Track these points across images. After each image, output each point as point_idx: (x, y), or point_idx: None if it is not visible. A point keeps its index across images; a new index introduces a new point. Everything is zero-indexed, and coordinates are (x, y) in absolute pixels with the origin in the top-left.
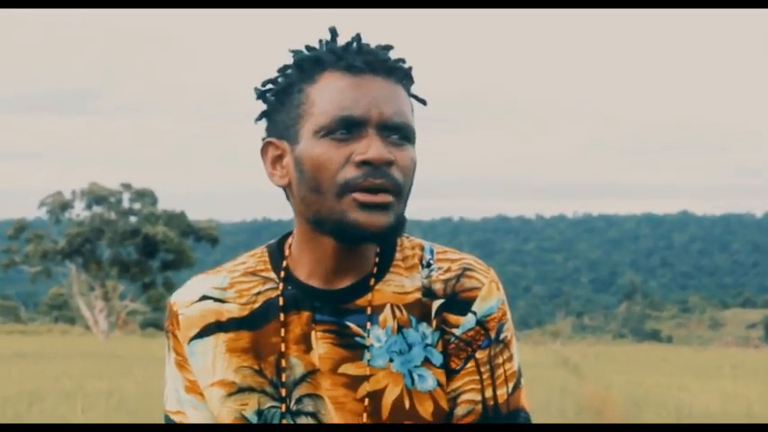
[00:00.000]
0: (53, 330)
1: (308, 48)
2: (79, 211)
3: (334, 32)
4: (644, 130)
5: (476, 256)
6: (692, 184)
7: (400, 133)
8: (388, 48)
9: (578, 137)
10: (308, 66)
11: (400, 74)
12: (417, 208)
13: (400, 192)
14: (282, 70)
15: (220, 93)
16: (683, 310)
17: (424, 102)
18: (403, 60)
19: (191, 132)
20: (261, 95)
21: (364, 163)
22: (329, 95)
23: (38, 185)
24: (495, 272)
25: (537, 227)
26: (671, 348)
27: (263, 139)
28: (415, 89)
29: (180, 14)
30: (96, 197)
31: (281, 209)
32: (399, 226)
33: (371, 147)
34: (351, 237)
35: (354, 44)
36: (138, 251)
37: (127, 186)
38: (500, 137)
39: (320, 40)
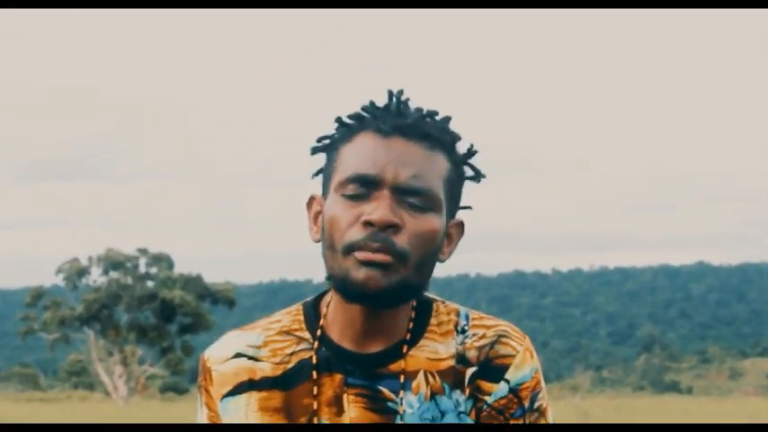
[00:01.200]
0: (72, 397)
1: (363, 107)
2: (96, 277)
3: (391, 95)
4: (656, 182)
5: (511, 323)
6: (708, 234)
7: (418, 198)
8: (435, 114)
9: (591, 190)
10: (348, 124)
11: (437, 141)
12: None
13: (404, 259)
14: (335, 128)
15: (234, 157)
16: (703, 361)
17: (481, 174)
18: (446, 129)
19: (205, 196)
20: (314, 151)
21: (369, 224)
22: (355, 155)
23: (54, 252)
24: (531, 340)
25: (554, 281)
26: (691, 400)
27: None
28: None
29: (192, 81)
30: (113, 263)
31: (297, 270)
32: (406, 292)
33: (378, 208)
34: (350, 294)
35: (394, 105)
36: (156, 315)
37: (143, 251)
38: (514, 191)
39: (371, 101)
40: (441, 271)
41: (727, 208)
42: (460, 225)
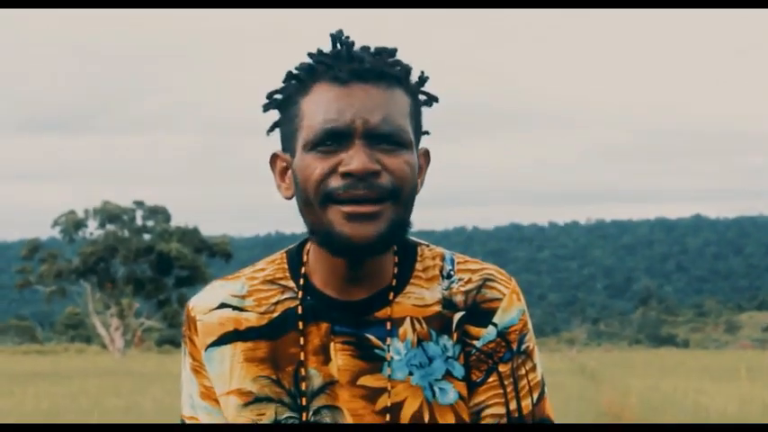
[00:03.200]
0: (69, 349)
1: (309, 55)
2: (93, 230)
3: (334, 39)
4: (654, 135)
5: (497, 266)
6: (705, 188)
7: (390, 141)
8: (384, 51)
9: (589, 143)
10: (302, 77)
11: (394, 78)
12: (431, 217)
13: (396, 197)
14: (284, 81)
15: (231, 107)
16: (699, 315)
17: (435, 98)
18: (398, 63)
19: (202, 148)
20: (266, 108)
21: (348, 174)
22: (316, 108)
23: (51, 205)
24: (517, 281)
25: (550, 234)
26: (687, 353)
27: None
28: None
29: (190, 30)
30: (109, 215)
31: (293, 222)
32: (397, 232)
33: (355, 157)
34: (339, 249)
35: (344, 51)
36: (153, 268)
37: (140, 204)
38: (512, 144)
39: (318, 49)
40: (438, 224)
41: (724, 161)
42: (427, 154)
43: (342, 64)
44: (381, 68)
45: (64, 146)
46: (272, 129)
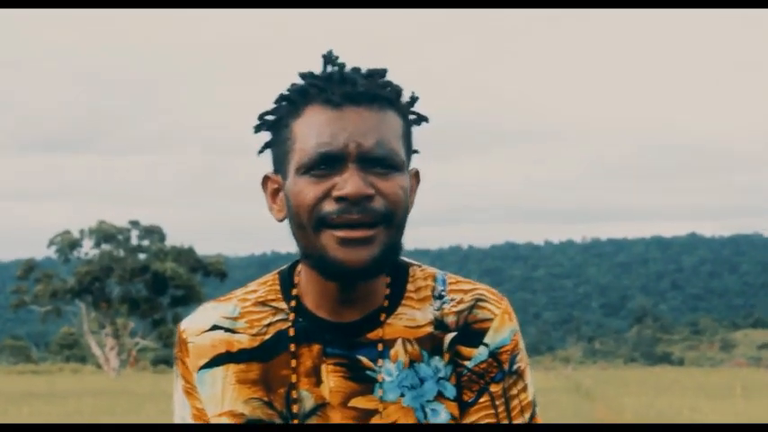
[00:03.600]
0: (64, 369)
1: (301, 76)
2: (88, 250)
3: (325, 60)
4: (649, 153)
5: (489, 286)
6: (700, 206)
7: (384, 164)
8: (375, 72)
9: (584, 161)
10: (294, 99)
11: (386, 100)
12: (425, 236)
13: (389, 221)
14: (276, 102)
15: (225, 127)
16: (694, 333)
17: (425, 119)
18: (389, 84)
19: (197, 168)
20: (257, 129)
21: (342, 198)
22: (309, 131)
23: (46, 225)
24: (509, 301)
25: (546, 253)
26: (682, 371)
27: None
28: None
29: (183, 52)
30: (105, 235)
31: (288, 242)
32: (390, 256)
33: (349, 182)
34: (333, 273)
35: (336, 74)
36: (148, 288)
37: (135, 224)
38: (507, 163)
39: (310, 72)
40: (434, 243)
41: (720, 179)
42: (417, 174)
43: (334, 87)
44: (374, 91)
45: (60, 166)
46: (262, 150)
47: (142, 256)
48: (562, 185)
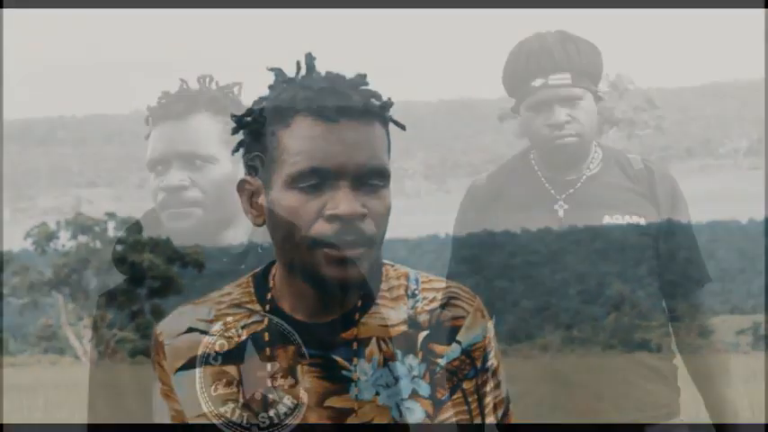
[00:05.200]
0: (42, 361)
1: (282, 80)
2: (65, 242)
3: (308, 64)
4: (625, 138)
5: (461, 284)
6: None
7: (376, 177)
8: (359, 81)
9: None
10: (281, 108)
11: (375, 111)
12: (404, 224)
13: (372, 243)
14: (256, 105)
15: None
16: (672, 319)
17: (403, 127)
18: (376, 95)
19: None
20: (235, 131)
21: (335, 217)
22: (301, 144)
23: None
24: (482, 298)
25: (523, 240)
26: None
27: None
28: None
29: (164, 41)
30: (81, 227)
31: (264, 233)
32: (374, 269)
33: (342, 201)
34: (323, 288)
35: (327, 86)
36: (125, 279)
37: (111, 215)
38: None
39: (297, 74)
40: (411, 232)
41: (695, 165)
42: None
43: (326, 98)
44: (366, 105)
45: (35, 156)
46: (236, 149)
47: (119, 248)
48: None
